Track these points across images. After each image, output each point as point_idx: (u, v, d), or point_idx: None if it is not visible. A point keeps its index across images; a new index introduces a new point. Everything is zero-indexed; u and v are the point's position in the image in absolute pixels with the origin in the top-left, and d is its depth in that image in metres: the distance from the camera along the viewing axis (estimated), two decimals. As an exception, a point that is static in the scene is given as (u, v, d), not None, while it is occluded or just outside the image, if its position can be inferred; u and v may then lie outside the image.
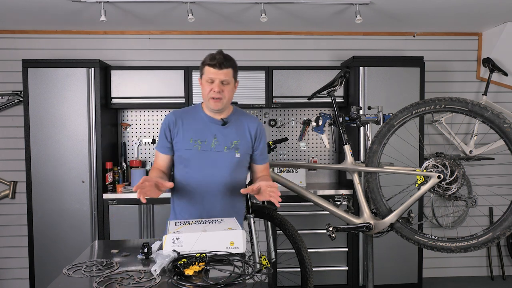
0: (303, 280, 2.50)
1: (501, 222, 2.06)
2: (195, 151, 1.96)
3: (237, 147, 1.99)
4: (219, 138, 1.98)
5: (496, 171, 4.02)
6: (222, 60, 1.92)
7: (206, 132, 1.98)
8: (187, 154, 1.97)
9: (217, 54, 1.94)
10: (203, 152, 1.96)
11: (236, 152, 1.99)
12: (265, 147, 2.10)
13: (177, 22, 3.57)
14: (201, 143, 1.97)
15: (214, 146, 1.97)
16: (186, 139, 1.97)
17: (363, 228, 2.35)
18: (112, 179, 3.50)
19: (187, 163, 1.98)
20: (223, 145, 1.98)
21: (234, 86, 2.00)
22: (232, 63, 1.97)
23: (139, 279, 1.43)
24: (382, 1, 3.06)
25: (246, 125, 2.04)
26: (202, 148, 1.96)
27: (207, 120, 2.00)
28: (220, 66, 1.91)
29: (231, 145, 1.99)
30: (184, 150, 1.97)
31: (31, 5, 3.09)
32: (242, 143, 2.01)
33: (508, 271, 4.08)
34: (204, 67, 1.95)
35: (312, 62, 3.94)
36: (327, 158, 4.02)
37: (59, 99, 3.37)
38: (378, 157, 2.34)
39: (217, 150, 1.97)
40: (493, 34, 3.86)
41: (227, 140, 1.99)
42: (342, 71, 2.44)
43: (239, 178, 2.04)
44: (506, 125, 2.00)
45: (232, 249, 1.63)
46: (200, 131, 1.98)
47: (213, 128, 1.99)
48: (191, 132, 1.98)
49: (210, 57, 1.93)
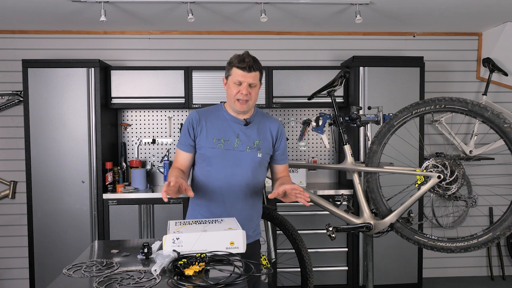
0: (303, 280, 2.50)
1: (501, 222, 2.06)
2: (219, 150, 1.96)
3: (259, 147, 2.01)
4: (242, 138, 1.99)
5: (496, 171, 4.02)
6: (252, 63, 1.93)
7: (229, 132, 1.99)
8: (210, 153, 1.96)
9: (246, 56, 1.95)
10: (226, 151, 1.96)
11: (258, 152, 2.00)
12: (286, 147, 2.13)
13: (177, 22, 3.57)
14: (224, 142, 1.97)
15: (236, 145, 1.97)
16: (209, 138, 1.97)
17: (363, 228, 2.35)
18: (112, 179, 3.50)
19: (210, 162, 1.97)
20: (245, 144, 1.99)
21: (259, 88, 2.02)
22: (260, 66, 1.99)
23: (139, 279, 1.43)
24: (382, 1, 3.06)
25: (268, 126, 2.06)
26: (225, 147, 1.96)
27: (230, 120, 2.01)
28: (249, 69, 1.92)
29: (253, 145, 1.99)
30: (207, 148, 1.97)
31: (31, 5, 3.09)
32: (264, 143, 2.02)
33: (508, 271, 4.08)
34: (232, 69, 1.95)
35: (312, 62, 3.94)
36: (327, 158, 4.02)
37: (59, 99, 3.37)
38: (378, 157, 2.34)
39: (240, 149, 1.97)
40: (493, 34, 3.86)
41: (249, 140, 1.99)
42: (342, 71, 2.44)
43: (260, 178, 2.05)
44: (506, 125, 2.00)
45: (232, 249, 1.63)
46: (223, 130, 1.99)
47: (236, 128, 2.00)
48: (215, 131, 1.98)
49: (239, 59, 1.94)
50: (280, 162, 2.11)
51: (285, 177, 2.09)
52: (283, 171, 2.12)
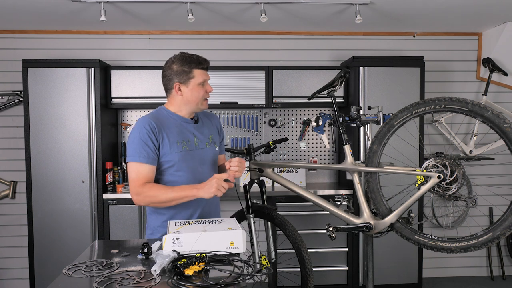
0: (303, 280, 2.50)
1: (501, 222, 2.06)
2: (185, 152, 1.96)
3: (214, 141, 2.10)
4: (198, 136, 2.03)
5: (496, 171, 4.02)
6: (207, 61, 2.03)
7: (186, 133, 2.00)
8: (177, 157, 1.93)
9: (200, 56, 2.01)
10: (191, 151, 1.98)
11: (215, 145, 2.11)
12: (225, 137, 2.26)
13: (177, 22, 3.57)
14: (186, 144, 1.98)
15: (197, 144, 2.01)
16: (173, 143, 1.93)
17: (363, 228, 2.35)
18: (112, 179, 3.50)
19: (180, 166, 1.94)
20: (203, 141, 2.04)
21: None
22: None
23: (139, 279, 1.43)
24: (382, 1, 3.06)
25: (210, 120, 2.16)
26: (189, 148, 1.98)
27: (181, 121, 2.01)
28: (207, 67, 2.02)
29: (209, 140, 2.07)
30: (174, 153, 1.92)
31: (31, 5, 3.09)
32: (215, 136, 2.13)
33: (508, 271, 4.08)
34: (193, 71, 1.96)
35: (312, 62, 3.94)
36: (327, 158, 4.02)
37: (59, 99, 3.37)
38: (378, 157, 2.34)
39: (201, 147, 2.02)
40: (493, 34, 3.86)
41: (204, 136, 2.06)
42: (342, 71, 2.44)
43: (216, 171, 2.13)
44: (506, 125, 2.00)
45: (232, 249, 1.63)
46: (181, 132, 1.98)
47: (189, 128, 2.03)
48: (174, 134, 1.95)
49: (199, 61, 1.98)
50: (221, 153, 2.22)
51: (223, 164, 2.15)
52: (222, 160, 2.24)
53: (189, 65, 1.95)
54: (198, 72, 1.96)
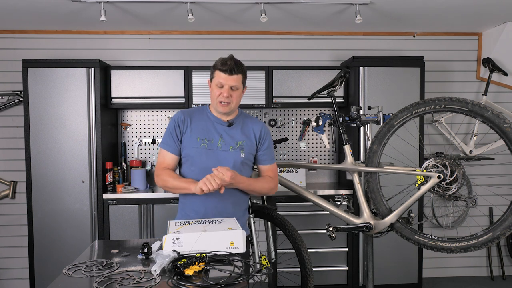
0: (303, 280, 2.50)
1: (501, 222, 2.06)
2: (202, 150, 2.00)
3: (242, 147, 2.04)
4: (225, 138, 2.03)
5: (496, 171, 4.02)
6: (233, 66, 1.96)
7: (213, 132, 2.03)
8: (193, 152, 2.00)
9: (229, 59, 1.97)
10: (209, 151, 2.00)
11: (241, 152, 2.04)
12: (270, 148, 2.14)
13: (177, 22, 3.57)
14: (207, 142, 2.01)
15: (220, 145, 2.02)
16: (193, 138, 2.01)
17: (363, 228, 2.35)
18: (112, 179, 3.50)
19: (194, 162, 2.01)
20: (228, 145, 2.03)
21: (243, 91, 2.06)
22: (242, 69, 2.01)
23: (139, 279, 1.43)
24: (382, 1, 3.06)
25: (251, 126, 2.10)
26: (209, 147, 2.01)
27: (213, 121, 2.05)
28: (230, 72, 1.95)
29: (236, 145, 2.04)
30: (191, 148, 2.01)
31: (31, 5, 3.09)
32: (247, 143, 2.06)
33: (508, 271, 4.08)
34: (215, 71, 1.99)
35: (312, 62, 3.94)
36: (327, 158, 4.02)
37: (59, 99, 3.37)
38: (378, 157, 2.34)
39: (223, 149, 2.02)
40: (493, 34, 3.86)
41: (232, 140, 2.04)
42: (342, 71, 2.44)
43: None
44: (506, 125, 2.00)
45: (232, 249, 1.63)
46: (207, 130, 2.03)
47: (219, 129, 2.04)
48: (199, 131, 2.02)
49: (222, 62, 1.97)
50: (264, 163, 2.14)
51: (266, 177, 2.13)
52: (267, 171, 2.15)
53: (215, 65, 2.00)
54: (218, 73, 1.98)
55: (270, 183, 2.12)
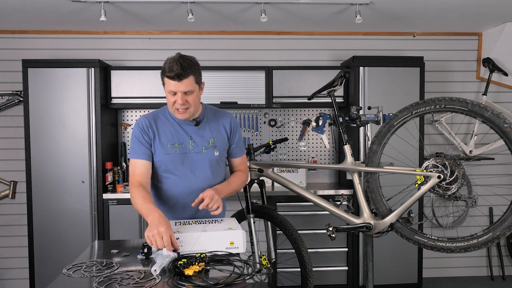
0: (303, 280, 2.50)
1: (501, 222, 2.06)
2: (175, 155, 1.91)
3: (214, 145, 1.97)
4: (196, 139, 1.95)
5: (496, 171, 4.02)
6: (180, 71, 1.76)
7: (182, 134, 1.94)
8: (166, 159, 1.91)
9: (175, 63, 1.77)
10: (182, 155, 1.92)
11: (215, 150, 1.97)
12: (241, 139, 2.11)
13: (177, 22, 3.57)
14: (179, 146, 1.92)
15: (192, 147, 1.94)
16: (163, 144, 1.91)
17: (363, 228, 2.35)
18: (112, 179, 3.50)
19: (167, 168, 1.93)
20: (200, 145, 1.95)
21: (200, 90, 1.90)
22: (192, 70, 1.81)
23: (139, 279, 1.43)
24: (382, 1, 3.06)
25: (221, 121, 2.01)
26: (181, 151, 1.92)
27: (180, 122, 1.95)
28: (179, 78, 1.78)
29: (208, 144, 1.96)
30: (162, 155, 1.91)
31: (31, 5, 3.09)
32: (219, 140, 1.99)
33: (508, 271, 4.08)
34: (164, 78, 1.83)
35: (312, 62, 3.94)
36: (327, 158, 4.02)
37: (59, 99, 3.37)
38: (378, 157, 2.34)
39: (196, 151, 1.94)
40: (493, 34, 3.86)
41: (203, 140, 1.96)
42: (342, 71, 2.44)
43: (220, 177, 2.03)
44: (506, 125, 2.00)
45: (232, 249, 1.63)
46: (175, 134, 1.93)
47: (187, 130, 1.95)
48: (167, 135, 1.92)
49: (168, 68, 1.79)
50: (236, 155, 2.09)
51: (238, 172, 2.08)
52: (240, 164, 2.11)
53: (163, 71, 1.83)
54: (166, 80, 1.83)
55: (243, 177, 2.10)
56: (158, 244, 1.57)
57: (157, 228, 1.58)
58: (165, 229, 1.58)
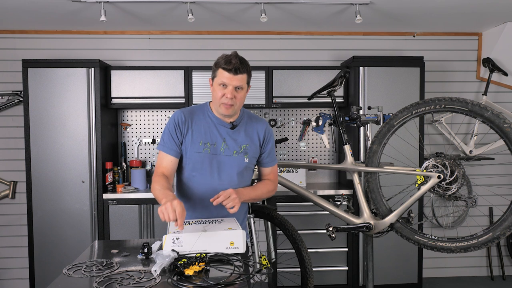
0: (303, 280, 2.50)
1: (501, 222, 2.06)
2: (205, 155, 1.89)
3: (246, 151, 1.95)
4: (228, 142, 1.92)
5: (496, 171, 4.02)
6: (239, 65, 1.81)
7: (216, 135, 1.92)
8: (196, 157, 1.89)
9: (233, 57, 1.83)
10: (212, 156, 1.90)
11: (245, 156, 1.94)
12: (273, 149, 2.06)
13: (177, 22, 3.57)
14: (210, 146, 1.89)
15: (223, 150, 1.91)
16: (195, 141, 1.89)
17: (363, 228, 2.35)
18: (112, 179, 3.50)
19: (195, 166, 1.91)
20: (232, 149, 1.92)
21: (247, 91, 1.93)
22: (248, 68, 1.87)
23: (139, 279, 1.43)
24: (382, 1, 3.06)
25: (255, 128, 1.99)
26: (212, 152, 1.90)
27: (216, 122, 1.93)
28: (235, 72, 1.81)
29: (240, 150, 1.93)
30: (193, 152, 1.89)
31: (31, 5, 3.09)
32: (251, 147, 1.96)
33: (508, 271, 4.08)
34: (218, 70, 1.85)
35: (312, 62, 3.94)
36: (327, 158, 4.02)
37: (59, 99, 3.37)
38: (378, 157, 2.34)
39: (226, 154, 1.91)
40: (493, 34, 3.86)
41: (236, 144, 1.93)
42: (342, 71, 2.44)
43: (246, 182, 2.00)
44: (506, 125, 2.00)
45: (232, 249, 1.63)
46: (209, 133, 1.91)
47: (222, 131, 1.93)
48: (201, 133, 1.90)
49: (226, 60, 1.82)
50: (266, 165, 2.05)
51: (266, 181, 2.05)
52: (269, 174, 2.07)
53: (218, 63, 1.85)
54: (221, 72, 1.83)
55: (270, 187, 2.04)
56: (171, 217, 1.56)
57: (170, 201, 1.59)
58: (178, 202, 1.60)
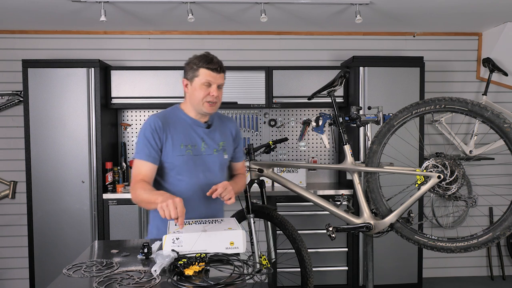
0: (303, 280, 2.50)
1: (501, 222, 2.06)
2: (188, 157, 1.90)
3: (224, 148, 2.00)
4: (207, 141, 1.95)
5: (496, 171, 4.02)
6: (221, 63, 1.89)
7: (194, 136, 1.94)
8: (179, 161, 1.89)
9: (213, 57, 1.90)
10: (195, 157, 1.92)
11: (224, 153, 2.00)
12: (242, 144, 2.20)
13: (177, 22, 3.57)
14: (191, 148, 1.91)
15: (204, 149, 1.94)
16: (176, 145, 1.89)
17: (363, 228, 2.35)
18: (112, 179, 3.50)
19: (180, 170, 1.90)
20: (212, 148, 1.96)
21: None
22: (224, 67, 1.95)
23: (139, 279, 1.43)
24: (382, 1, 3.06)
25: (227, 126, 2.07)
26: (194, 153, 1.92)
27: (192, 124, 1.95)
28: (219, 70, 1.88)
29: (219, 147, 1.98)
30: (176, 156, 1.89)
31: (31, 5, 3.09)
32: (227, 144, 2.03)
33: (508, 271, 4.08)
34: (199, 70, 1.88)
35: (312, 62, 3.94)
36: (327, 158, 4.02)
37: (59, 99, 3.37)
38: (378, 157, 2.34)
39: (207, 153, 1.95)
40: (493, 34, 3.86)
41: (214, 142, 1.97)
42: (342, 71, 2.44)
43: (225, 177, 2.06)
44: (506, 125, 2.00)
45: (232, 249, 1.63)
46: (188, 135, 1.93)
47: (199, 132, 1.95)
48: (180, 137, 1.91)
49: (207, 60, 1.87)
50: (239, 159, 2.14)
51: (240, 175, 2.14)
52: (241, 168, 2.16)
53: (198, 63, 1.88)
54: (204, 71, 1.87)
55: (244, 180, 2.15)
56: (172, 214, 1.58)
57: (172, 198, 1.61)
58: (180, 200, 1.61)
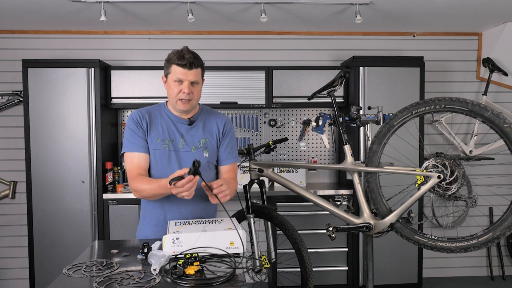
0: (303, 280, 2.50)
1: (501, 222, 2.06)
2: (164, 151, 1.89)
3: (205, 146, 1.94)
4: (186, 138, 1.92)
5: (496, 171, 4.02)
6: (192, 59, 1.82)
7: (174, 132, 1.92)
8: (154, 155, 1.89)
9: (186, 52, 1.82)
10: (171, 152, 1.89)
11: (205, 151, 1.93)
12: (233, 145, 2.03)
13: (177, 22, 3.57)
14: (169, 143, 1.90)
15: (181, 146, 1.91)
16: (153, 139, 1.89)
17: (363, 228, 2.35)
18: (112, 179, 3.50)
19: (155, 164, 1.90)
20: (190, 145, 1.92)
21: (202, 85, 1.93)
22: (201, 62, 1.88)
23: (139, 279, 1.43)
24: (382, 1, 3.06)
25: (215, 121, 1.99)
26: (170, 148, 1.89)
27: (174, 120, 1.94)
28: (190, 66, 1.81)
29: (199, 145, 1.93)
30: (152, 150, 1.89)
31: (31, 5, 3.09)
32: (211, 141, 1.96)
33: (508, 271, 4.08)
34: (171, 66, 1.84)
35: (312, 62, 3.94)
36: (327, 158, 4.02)
37: (59, 99, 3.37)
38: (378, 157, 2.33)
39: (185, 150, 1.91)
40: (493, 34, 3.86)
41: (194, 140, 1.93)
42: (342, 71, 2.44)
43: (208, 179, 1.90)
44: (506, 125, 2.00)
45: (232, 249, 1.63)
46: (167, 130, 1.91)
47: (180, 128, 1.93)
48: (158, 131, 1.90)
49: (179, 56, 1.82)
50: (224, 162, 1.99)
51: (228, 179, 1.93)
52: (228, 172, 2.00)
53: (171, 59, 1.84)
54: (175, 68, 1.82)
55: (234, 185, 1.95)
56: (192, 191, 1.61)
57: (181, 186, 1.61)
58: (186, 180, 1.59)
